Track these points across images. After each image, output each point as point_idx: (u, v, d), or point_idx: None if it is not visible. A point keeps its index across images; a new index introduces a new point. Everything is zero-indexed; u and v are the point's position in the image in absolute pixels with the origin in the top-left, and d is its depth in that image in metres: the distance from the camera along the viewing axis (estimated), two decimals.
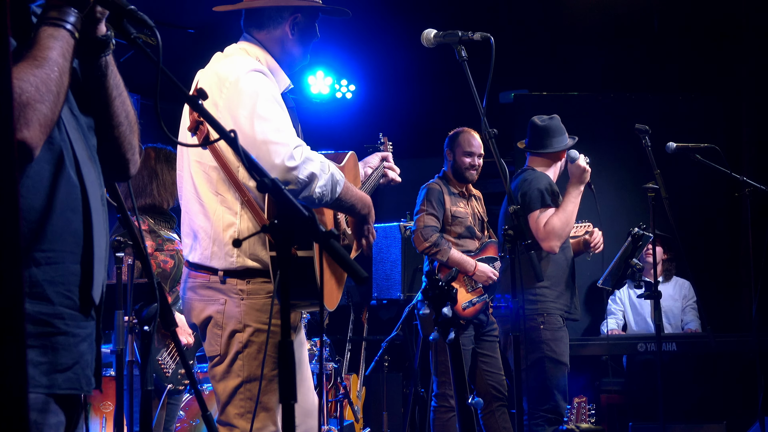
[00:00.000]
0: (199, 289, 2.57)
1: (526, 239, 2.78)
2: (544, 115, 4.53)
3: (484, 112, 2.82)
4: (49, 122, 1.44)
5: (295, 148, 2.44)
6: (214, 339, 2.56)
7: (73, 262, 1.56)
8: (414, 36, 3.02)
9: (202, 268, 2.56)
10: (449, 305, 2.87)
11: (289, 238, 1.55)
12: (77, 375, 1.57)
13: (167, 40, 1.58)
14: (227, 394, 2.55)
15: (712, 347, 4.86)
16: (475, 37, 2.86)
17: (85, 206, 1.59)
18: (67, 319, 1.55)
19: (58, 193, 1.54)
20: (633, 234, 4.32)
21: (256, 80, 2.54)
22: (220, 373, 2.56)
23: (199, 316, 2.58)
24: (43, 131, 1.43)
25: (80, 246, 1.58)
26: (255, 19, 2.74)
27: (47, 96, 1.43)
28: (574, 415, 5.11)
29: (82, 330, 1.59)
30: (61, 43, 1.49)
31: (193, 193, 2.59)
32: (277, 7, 2.72)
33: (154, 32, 1.58)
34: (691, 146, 4.21)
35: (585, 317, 6.35)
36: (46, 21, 1.50)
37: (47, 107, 1.43)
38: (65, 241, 1.55)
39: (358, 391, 5.91)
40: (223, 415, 2.56)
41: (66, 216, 1.55)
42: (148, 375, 2.40)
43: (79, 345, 1.58)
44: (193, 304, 2.59)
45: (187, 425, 4.18)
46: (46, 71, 1.45)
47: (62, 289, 1.54)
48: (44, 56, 1.46)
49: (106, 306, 1.70)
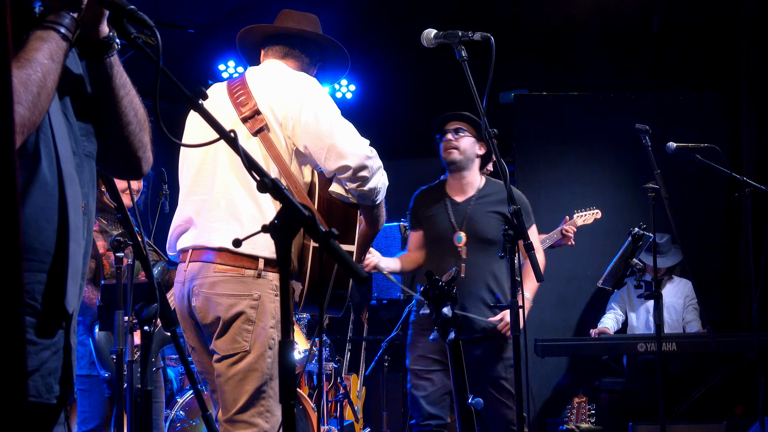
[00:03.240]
0: (227, 284, 2.54)
1: (527, 239, 2.77)
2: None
3: (484, 112, 2.82)
4: (26, 123, 1.42)
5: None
6: (242, 335, 2.52)
7: (39, 271, 1.53)
8: (414, 36, 3.02)
9: (240, 256, 2.53)
10: (449, 305, 2.87)
11: (289, 238, 1.55)
12: (35, 382, 1.54)
13: (167, 40, 1.58)
14: (249, 393, 2.52)
15: (712, 347, 4.86)
16: (475, 37, 2.86)
17: (62, 213, 1.56)
18: (27, 327, 1.51)
19: (31, 198, 1.51)
20: (633, 234, 4.31)
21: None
22: (241, 371, 2.53)
23: (228, 311, 2.53)
24: (20, 132, 1.41)
25: (51, 255, 1.54)
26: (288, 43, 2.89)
27: (25, 96, 1.41)
28: (574, 415, 5.12)
29: (45, 339, 1.55)
30: (49, 44, 1.48)
31: (235, 181, 2.59)
32: (314, 44, 2.88)
33: (154, 32, 1.57)
34: (691, 146, 4.21)
35: (585, 317, 6.35)
36: (40, 25, 1.50)
37: (24, 108, 1.41)
38: (34, 249, 1.52)
39: (358, 391, 5.91)
40: (243, 414, 2.52)
41: (37, 223, 1.52)
42: (148, 375, 2.40)
43: (39, 353, 1.54)
44: (218, 299, 2.54)
45: (187, 425, 4.18)
46: (27, 72, 1.43)
47: (25, 297, 1.51)
48: (28, 57, 1.45)
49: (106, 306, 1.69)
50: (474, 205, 4.03)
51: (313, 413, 4.47)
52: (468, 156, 4.03)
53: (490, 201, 4.04)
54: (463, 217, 4.02)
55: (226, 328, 2.54)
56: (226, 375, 2.55)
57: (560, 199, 6.39)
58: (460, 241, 3.99)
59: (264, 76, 2.76)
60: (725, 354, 5.53)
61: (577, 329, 6.31)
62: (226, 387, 2.56)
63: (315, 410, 4.50)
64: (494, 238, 3.94)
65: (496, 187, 4.08)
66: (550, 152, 6.45)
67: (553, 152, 6.45)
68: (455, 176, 4.09)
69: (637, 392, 5.65)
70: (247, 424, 2.51)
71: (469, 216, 4.01)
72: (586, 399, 5.16)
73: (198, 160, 2.72)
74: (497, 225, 3.96)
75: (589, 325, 6.24)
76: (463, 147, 4.02)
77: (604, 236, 5.39)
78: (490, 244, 3.96)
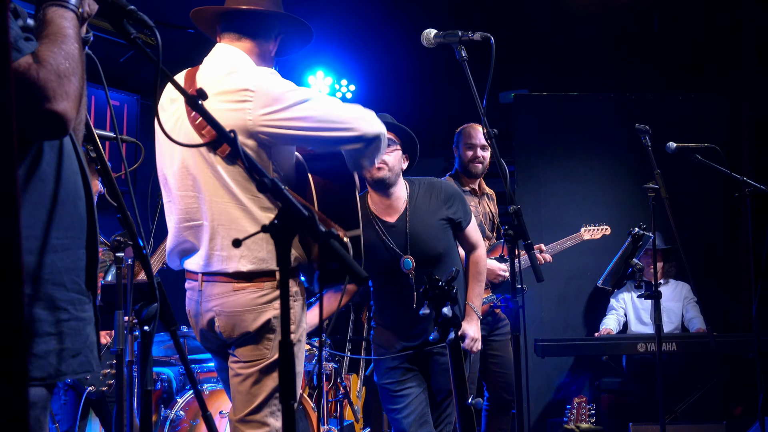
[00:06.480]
0: (249, 299, 2.52)
1: (527, 239, 2.77)
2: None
3: (484, 112, 2.81)
4: (80, 95, 1.48)
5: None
6: (265, 344, 2.54)
7: (79, 247, 1.61)
8: (414, 36, 3.02)
9: (257, 275, 2.51)
10: (449, 305, 2.87)
11: (289, 238, 1.55)
12: (87, 357, 1.61)
13: (167, 40, 1.58)
14: (265, 394, 2.53)
15: (712, 347, 4.86)
16: (475, 37, 2.85)
17: (86, 190, 1.62)
18: (76, 304, 1.59)
19: (66, 180, 1.57)
20: (633, 234, 4.31)
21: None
22: (257, 373, 2.54)
23: (253, 324, 2.52)
24: (77, 104, 1.46)
25: (85, 231, 1.62)
26: (239, 24, 2.69)
27: (77, 69, 1.47)
28: (574, 415, 5.12)
29: (86, 313, 1.63)
30: (72, 23, 1.53)
31: (228, 205, 2.52)
32: (267, 18, 2.69)
33: (154, 32, 1.58)
34: (691, 146, 4.21)
35: (585, 317, 6.35)
36: (50, 3, 1.52)
37: (78, 80, 1.46)
38: (74, 227, 1.59)
39: (358, 391, 5.91)
40: (257, 414, 2.53)
41: (75, 202, 1.60)
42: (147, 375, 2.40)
43: (86, 328, 1.62)
44: (242, 316, 2.52)
45: (187, 425, 4.18)
46: (70, 47, 1.47)
47: (73, 276, 1.59)
48: (64, 33, 1.49)
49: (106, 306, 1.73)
50: (411, 221, 3.56)
51: (313, 413, 4.47)
52: (396, 172, 3.56)
53: (425, 210, 3.60)
54: (404, 238, 3.55)
55: (252, 338, 2.55)
56: (242, 377, 2.56)
57: (560, 199, 6.40)
58: (409, 267, 3.54)
59: (211, 75, 2.63)
60: (725, 354, 5.53)
61: (577, 329, 6.31)
62: (240, 387, 2.57)
63: (315, 410, 4.50)
64: (445, 249, 3.58)
65: (421, 187, 3.65)
66: (550, 152, 6.45)
67: (553, 152, 6.45)
68: (382, 194, 3.58)
69: (637, 392, 5.65)
70: (259, 423, 2.53)
71: (411, 235, 3.55)
72: (586, 399, 5.16)
73: (176, 186, 2.63)
74: (442, 231, 3.59)
75: (588, 324, 6.25)
76: (392, 163, 3.54)
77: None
78: (441, 259, 3.56)
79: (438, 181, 3.66)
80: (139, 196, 2.32)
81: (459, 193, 3.71)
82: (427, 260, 3.51)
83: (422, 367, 3.62)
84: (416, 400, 3.58)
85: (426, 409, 3.61)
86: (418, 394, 3.59)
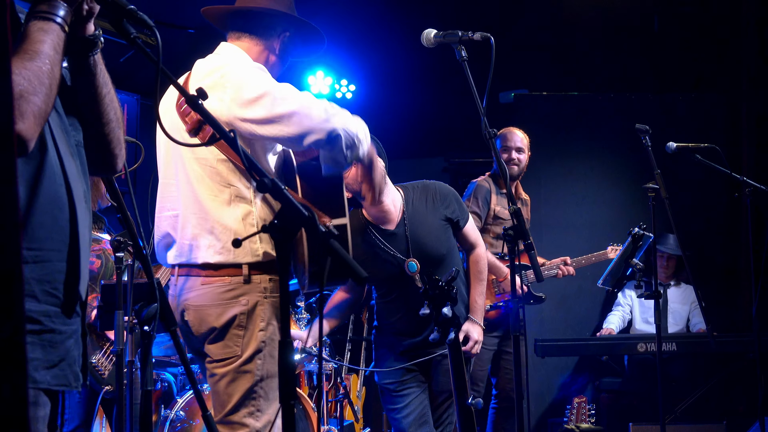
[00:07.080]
0: (215, 294, 2.53)
1: (527, 239, 2.76)
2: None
3: (484, 112, 2.81)
4: (43, 114, 1.45)
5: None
6: (233, 340, 2.53)
7: (59, 260, 1.57)
8: (414, 36, 3.01)
9: (224, 267, 2.52)
10: (449, 305, 2.87)
11: (289, 238, 1.55)
12: (64, 371, 1.58)
13: (167, 40, 1.58)
14: (240, 394, 2.52)
15: (712, 347, 4.86)
16: (475, 37, 2.85)
17: (70, 203, 1.60)
18: (53, 317, 1.56)
19: (44, 189, 1.54)
20: (633, 234, 4.31)
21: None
22: (232, 374, 2.53)
23: (219, 320, 2.53)
24: (37, 123, 1.43)
25: (66, 243, 1.58)
26: (240, 23, 2.72)
27: (40, 88, 1.44)
28: (574, 415, 5.11)
29: (68, 327, 1.59)
30: (51, 36, 1.50)
31: (199, 193, 2.55)
32: (270, 17, 2.70)
33: (154, 32, 1.58)
34: (691, 146, 4.21)
35: (585, 317, 6.35)
36: (36, 15, 1.51)
37: (41, 99, 1.43)
38: (52, 239, 1.56)
39: (358, 391, 5.91)
40: (234, 414, 2.53)
41: (52, 213, 1.56)
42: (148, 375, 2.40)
43: (65, 342, 1.58)
44: (209, 310, 2.54)
45: (187, 425, 4.18)
46: (38, 64, 1.45)
47: (48, 288, 1.55)
48: (35, 49, 1.47)
49: (106, 306, 1.71)
50: (410, 225, 3.48)
51: (313, 413, 4.47)
52: (384, 180, 3.40)
53: (423, 213, 3.52)
54: (405, 243, 3.47)
55: (219, 334, 2.55)
56: (217, 377, 2.57)
57: (560, 199, 6.39)
58: (414, 270, 3.45)
59: (203, 71, 2.65)
60: (725, 354, 5.53)
61: (577, 329, 6.31)
62: (216, 388, 2.58)
63: (315, 410, 4.50)
64: (447, 250, 3.53)
65: (416, 192, 3.57)
66: (550, 152, 6.44)
67: (553, 152, 6.44)
68: (373, 208, 3.46)
69: (637, 392, 5.65)
70: (238, 425, 2.53)
71: (412, 239, 3.47)
72: (586, 399, 5.16)
73: (162, 175, 2.70)
74: (443, 231, 3.54)
75: (588, 324, 6.24)
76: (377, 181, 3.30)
77: (604, 236, 5.38)
78: (443, 259, 3.51)
79: (432, 183, 3.63)
80: (139, 196, 2.33)
81: (454, 192, 3.68)
82: (430, 262, 3.47)
83: (423, 367, 3.62)
84: (416, 400, 3.57)
85: (426, 409, 3.59)
86: (419, 395, 3.59)
